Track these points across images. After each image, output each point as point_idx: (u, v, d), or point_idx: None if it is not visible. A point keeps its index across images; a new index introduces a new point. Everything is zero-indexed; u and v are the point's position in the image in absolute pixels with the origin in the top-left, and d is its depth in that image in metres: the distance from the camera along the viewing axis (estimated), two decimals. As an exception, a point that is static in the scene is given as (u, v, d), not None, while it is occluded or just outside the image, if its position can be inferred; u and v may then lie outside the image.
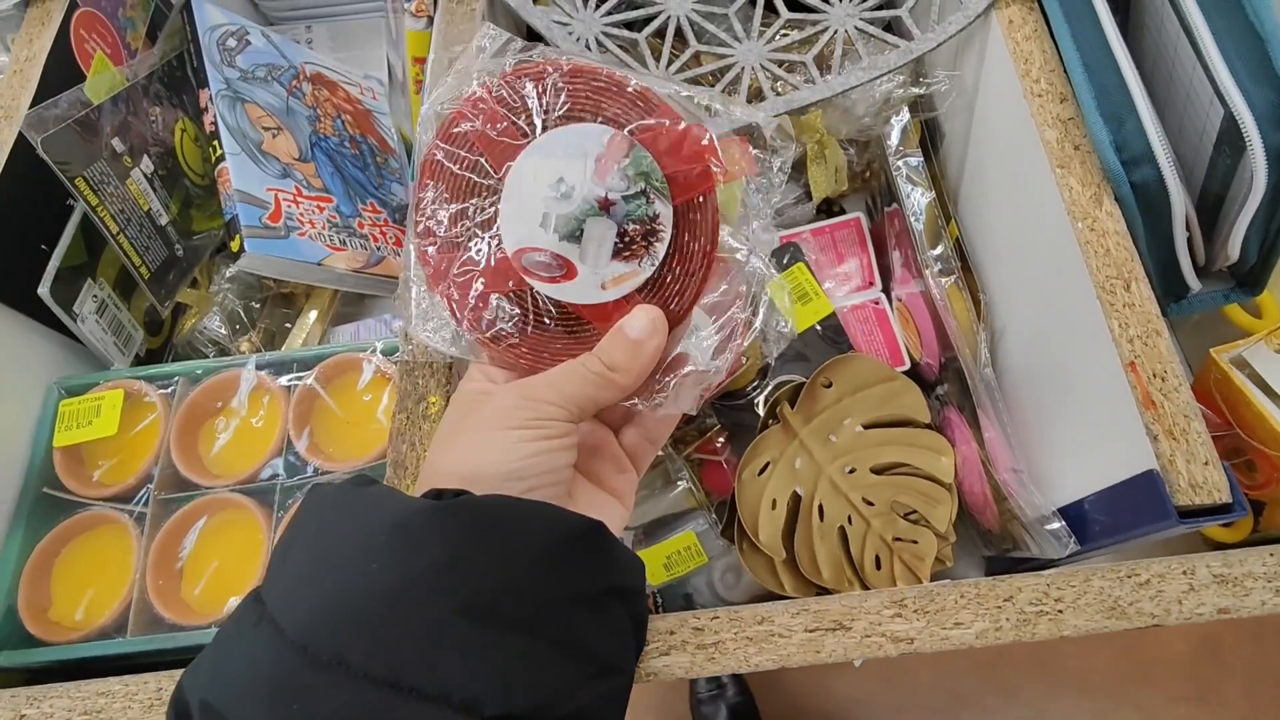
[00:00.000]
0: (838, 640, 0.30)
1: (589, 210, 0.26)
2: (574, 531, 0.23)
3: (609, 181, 0.26)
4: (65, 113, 0.46)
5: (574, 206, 0.26)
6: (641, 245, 0.26)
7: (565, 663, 0.22)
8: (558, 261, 0.26)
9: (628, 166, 0.26)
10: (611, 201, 0.26)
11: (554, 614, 0.22)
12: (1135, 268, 0.35)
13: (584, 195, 0.26)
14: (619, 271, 0.26)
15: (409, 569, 0.21)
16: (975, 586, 0.30)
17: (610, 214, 0.26)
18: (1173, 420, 0.32)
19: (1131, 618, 0.29)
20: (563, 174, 0.26)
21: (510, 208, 0.26)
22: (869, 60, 0.45)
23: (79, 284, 0.48)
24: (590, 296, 0.26)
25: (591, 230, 0.26)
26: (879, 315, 0.52)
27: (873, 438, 0.47)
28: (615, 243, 0.26)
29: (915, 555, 0.46)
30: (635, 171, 0.26)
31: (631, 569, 0.26)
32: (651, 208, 0.26)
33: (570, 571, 0.23)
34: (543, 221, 0.26)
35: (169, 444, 0.44)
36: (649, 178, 0.26)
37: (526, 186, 0.26)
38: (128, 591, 0.41)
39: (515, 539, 0.22)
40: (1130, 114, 0.36)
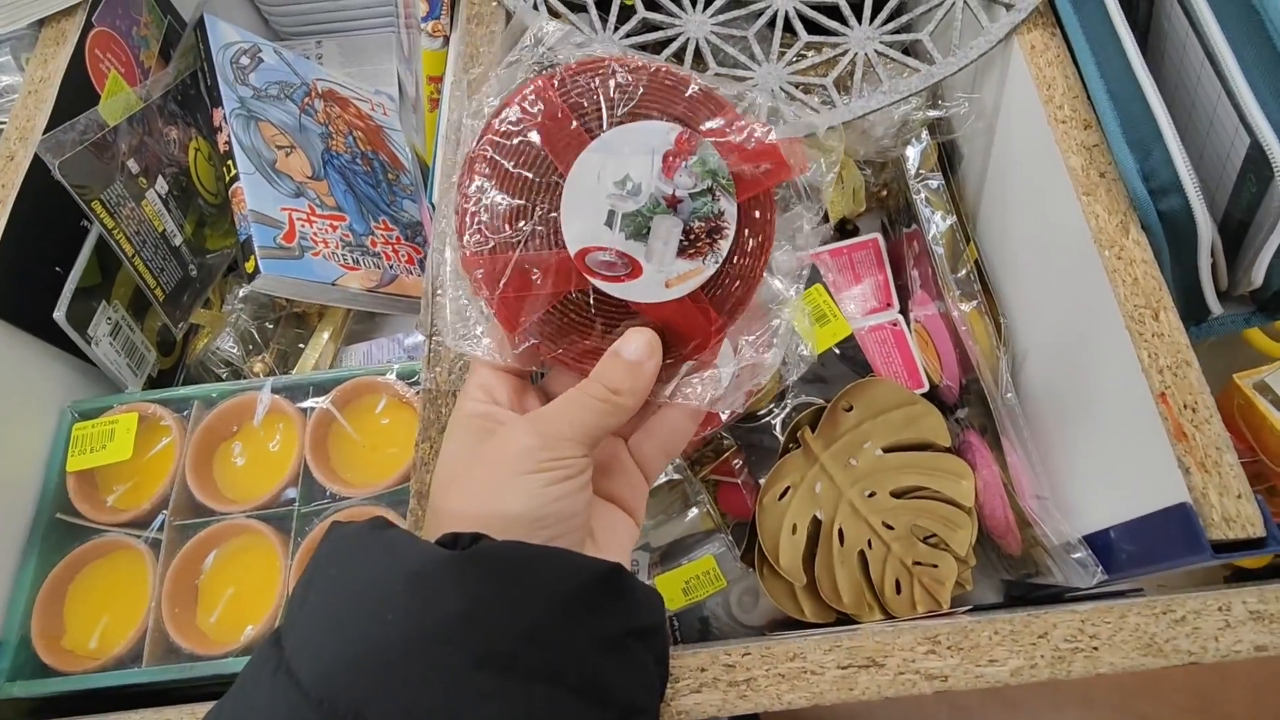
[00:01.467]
0: (871, 678, 0.29)
1: (657, 208, 0.26)
2: (594, 577, 0.23)
3: (677, 179, 0.26)
4: (82, 135, 0.45)
5: (641, 204, 0.26)
6: (706, 243, 0.26)
7: (588, 709, 0.22)
8: (623, 260, 0.26)
9: (695, 164, 0.26)
10: (679, 199, 0.26)
11: (575, 661, 0.22)
12: (1164, 297, 0.35)
13: (651, 193, 0.26)
14: (683, 269, 0.26)
15: (426, 620, 0.20)
16: (1009, 623, 0.30)
17: (677, 211, 0.26)
18: (1205, 453, 0.32)
19: (1168, 655, 0.29)
20: (629, 171, 0.26)
21: (573, 205, 0.26)
22: (889, 83, 0.45)
23: (93, 306, 0.48)
24: (654, 295, 0.26)
25: (659, 228, 0.26)
26: (897, 336, 0.51)
27: (893, 461, 0.47)
28: (680, 240, 0.26)
29: (935, 579, 0.46)
30: (703, 169, 0.26)
31: (651, 607, 0.25)
32: (718, 205, 0.26)
33: (590, 617, 0.23)
34: (608, 220, 0.26)
35: (184, 469, 0.44)
36: (716, 175, 0.26)
37: (590, 184, 0.26)
38: (143, 619, 0.41)
39: (535, 587, 0.22)
40: (1157, 143, 0.36)
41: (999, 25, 0.43)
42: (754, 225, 0.27)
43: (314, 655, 0.20)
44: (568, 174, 0.26)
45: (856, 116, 0.46)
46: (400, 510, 0.42)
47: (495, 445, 0.25)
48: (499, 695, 0.20)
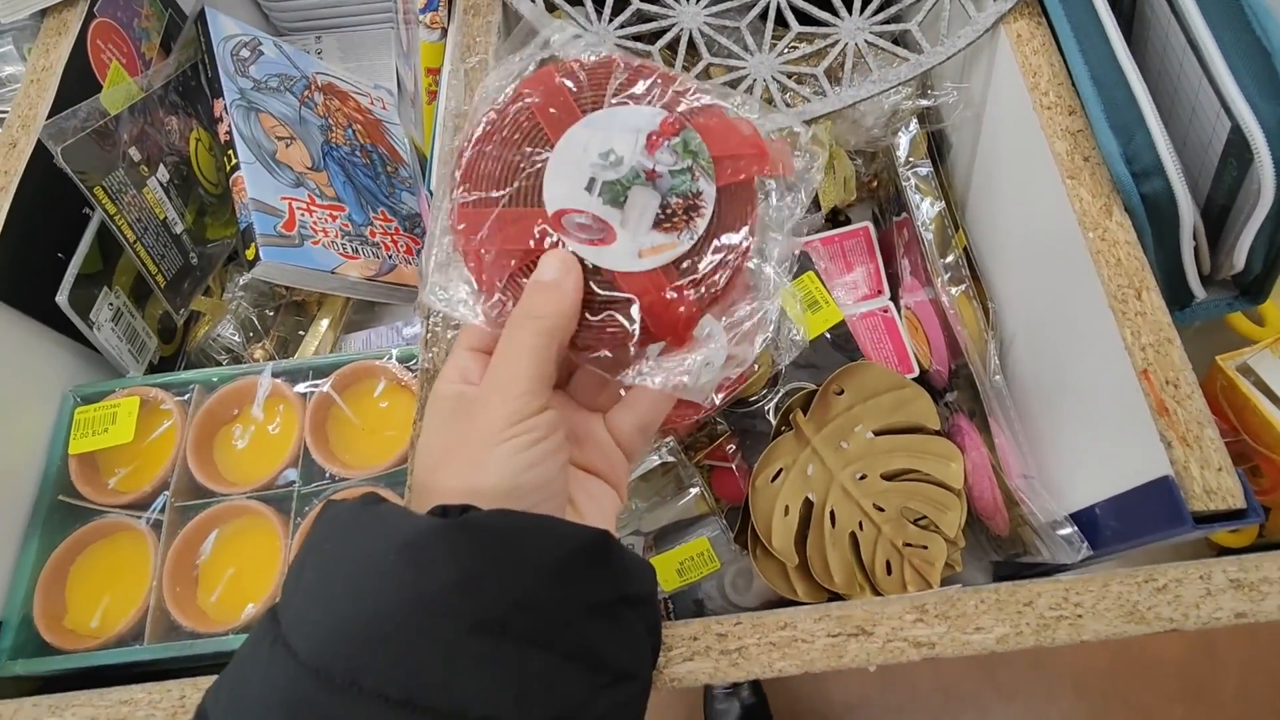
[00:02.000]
0: (860, 645, 0.30)
1: (636, 179, 0.27)
2: (583, 544, 0.23)
3: (658, 156, 0.27)
4: (84, 122, 0.46)
5: (622, 174, 0.27)
6: (682, 219, 0.26)
7: (580, 675, 0.22)
8: (598, 224, 0.26)
9: (677, 144, 0.27)
10: (658, 174, 0.27)
11: (567, 627, 0.22)
12: (1146, 277, 0.36)
13: (632, 165, 0.27)
14: (657, 241, 0.26)
15: (420, 588, 0.21)
16: (995, 592, 0.30)
17: (655, 185, 0.27)
18: (1186, 427, 0.32)
19: (1150, 622, 0.29)
20: (614, 146, 0.27)
21: (557, 170, 0.27)
22: (879, 73, 0.46)
23: (95, 292, 0.48)
24: (626, 264, 0.26)
25: (636, 198, 0.26)
26: (888, 323, 0.52)
27: (883, 444, 0.47)
28: (656, 213, 0.26)
29: (925, 560, 0.46)
30: (685, 149, 0.27)
31: (641, 576, 0.26)
32: (696, 184, 0.27)
33: (581, 584, 0.23)
34: (589, 186, 0.27)
35: (185, 451, 0.45)
36: (697, 157, 0.27)
37: (576, 154, 0.27)
38: (144, 599, 0.41)
39: (525, 555, 0.22)
40: (1140, 127, 0.37)
41: (986, 15, 0.44)
42: (734, 211, 0.27)
43: (310, 627, 0.21)
44: (556, 143, 0.27)
45: (847, 105, 0.46)
46: (398, 491, 0.43)
47: (467, 422, 0.25)
48: (493, 661, 0.20)
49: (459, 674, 0.20)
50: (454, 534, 0.21)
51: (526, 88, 0.28)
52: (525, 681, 0.21)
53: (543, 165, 0.27)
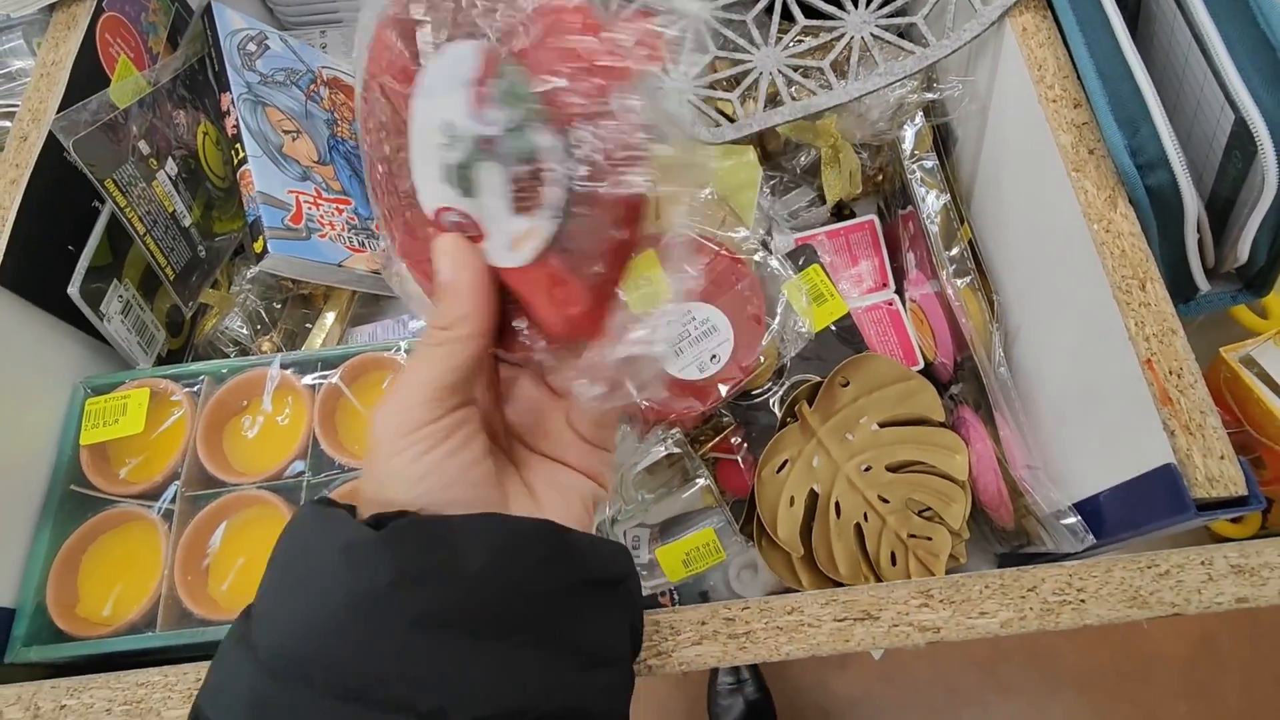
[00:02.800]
0: (866, 630, 0.30)
1: (474, 155, 0.21)
2: (523, 536, 0.23)
3: (485, 114, 0.20)
4: (94, 116, 0.46)
5: (463, 152, 0.21)
6: (534, 192, 0.20)
7: (540, 661, 0.22)
8: (468, 220, 0.22)
9: (500, 91, 0.20)
10: (493, 139, 0.20)
11: (518, 617, 0.22)
12: (1150, 268, 0.36)
13: (469, 136, 0.21)
14: (522, 228, 0.21)
15: (359, 587, 0.21)
16: (1000, 577, 0.31)
17: (496, 155, 0.20)
18: (1189, 415, 0.33)
19: (1153, 607, 0.30)
20: (446, 114, 0.21)
21: (418, 161, 0.22)
22: (885, 66, 0.46)
23: (105, 285, 0.49)
24: (505, 260, 0.22)
25: (482, 180, 0.21)
26: (893, 316, 0.53)
27: (888, 436, 0.48)
28: (511, 192, 0.21)
29: (930, 552, 0.47)
30: (509, 93, 0.20)
31: (606, 558, 0.25)
32: (529, 140, 0.20)
33: (526, 574, 0.23)
34: (444, 175, 0.22)
35: (195, 442, 0.45)
36: (523, 101, 0.20)
37: (425, 135, 0.22)
38: (155, 587, 0.42)
39: (462, 552, 0.22)
40: (1145, 120, 0.37)
41: (992, 8, 0.44)
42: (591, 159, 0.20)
43: (267, 625, 0.22)
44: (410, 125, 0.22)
45: (853, 98, 0.47)
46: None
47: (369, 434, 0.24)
48: (439, 655, 0.21)
49: (403, 668, 0.20)
50: (390, 537, 0.22)
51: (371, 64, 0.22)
52: (476, 673, 0.21)
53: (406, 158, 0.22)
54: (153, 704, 0.31)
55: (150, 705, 0.31)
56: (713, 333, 0.48)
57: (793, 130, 0.54)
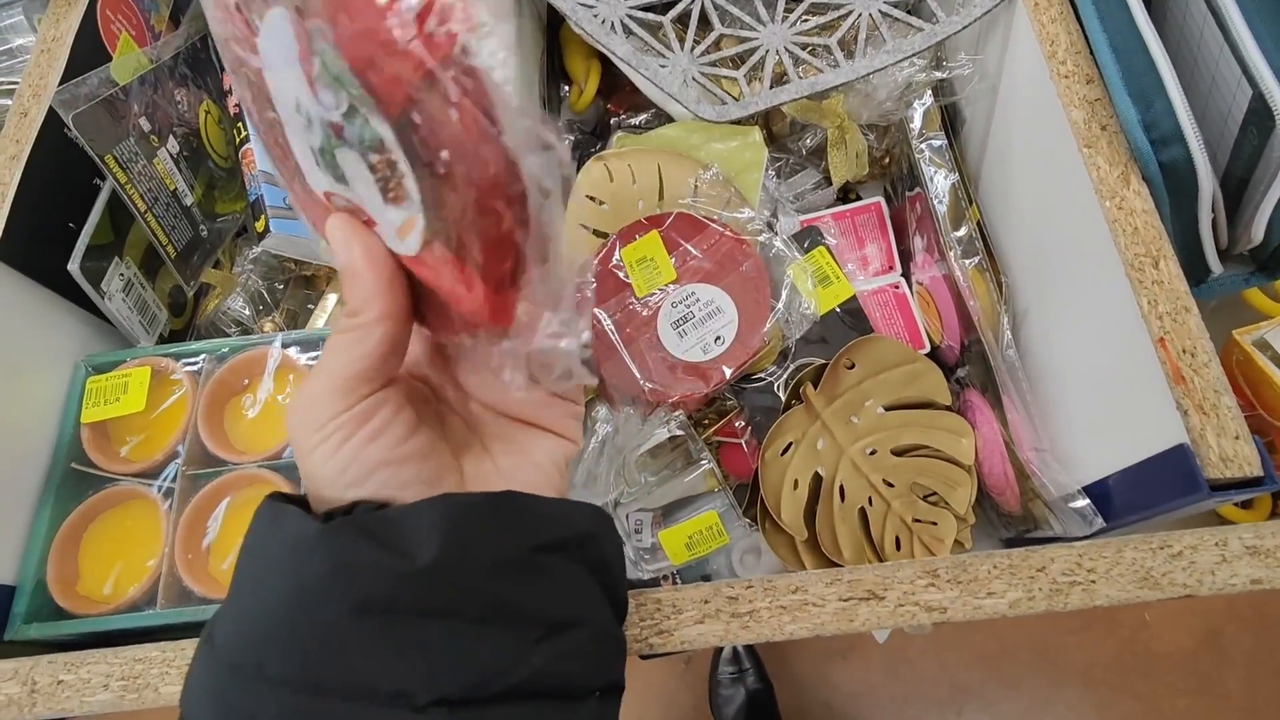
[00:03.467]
0: (871, 609, 0.30)
1: (329, 141, 0.19)
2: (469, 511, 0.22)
3: (320, 96, 0.18)
4: (94, 91, 0.46)
5: (319, 138, 0.19)
6: (394, 181, 0.18)
7: (499, 634, 0.22)
8: (355, 208, 0.20)
9: (320, 72, 0.17)
10: (339, 125, 0.18)
11: (470, 591, 0.22)
12: (1163, 245, 0.35)
13: (317, 120, 0.18)
14: (400, 218, 0.19)
15: (300, 579, 0.21)
16: (1008, 557, 0.30)
17: (347, 143, 0.18)
18: (1203, 395, 0.32)
19: (1164, 588, 0.29)
20: (294, 91, 0.19)
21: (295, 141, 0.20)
22: (893, 44, 0.46)
23: (105, 263, 0.48)
24: (397, 247, 0.20)
25: (346, 167, 0.19)
26: (899, 299, 0.52)
27: (894, 419, 0.47)
28: (374, 180, 0.19)
29: (934, 536, 0.46)
30: (330, 77, 0.17)
31: (562, 519, 0.24)
32: (370, 129, 0.17)
33: (477, 546, 0.22)
34: (316, 159, 0.20)
35: (196, 420, 0.45)
36: (344, 84, 0.17)
37: (287, 114, 0.19)
38: (156, 565, 0.41)
39: (405, 535, 0.21)
40: (1159, 94, 0.36)
41: (1003, -17, 0.43)
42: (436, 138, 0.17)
43: (224, 620, 0.22)
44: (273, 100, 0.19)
45: (860, 77, 0.46)
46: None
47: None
48: (387, 638, 0.21)
49: (354, 655, 0.20)
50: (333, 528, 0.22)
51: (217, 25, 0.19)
52: (430, 653, 0.21)
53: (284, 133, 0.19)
54: (150, 679, 0.31)
55: (147, 680, 0.31)
56: (717, 314, 0.47)
57: (799, 110, 0.53)
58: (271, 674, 0.20)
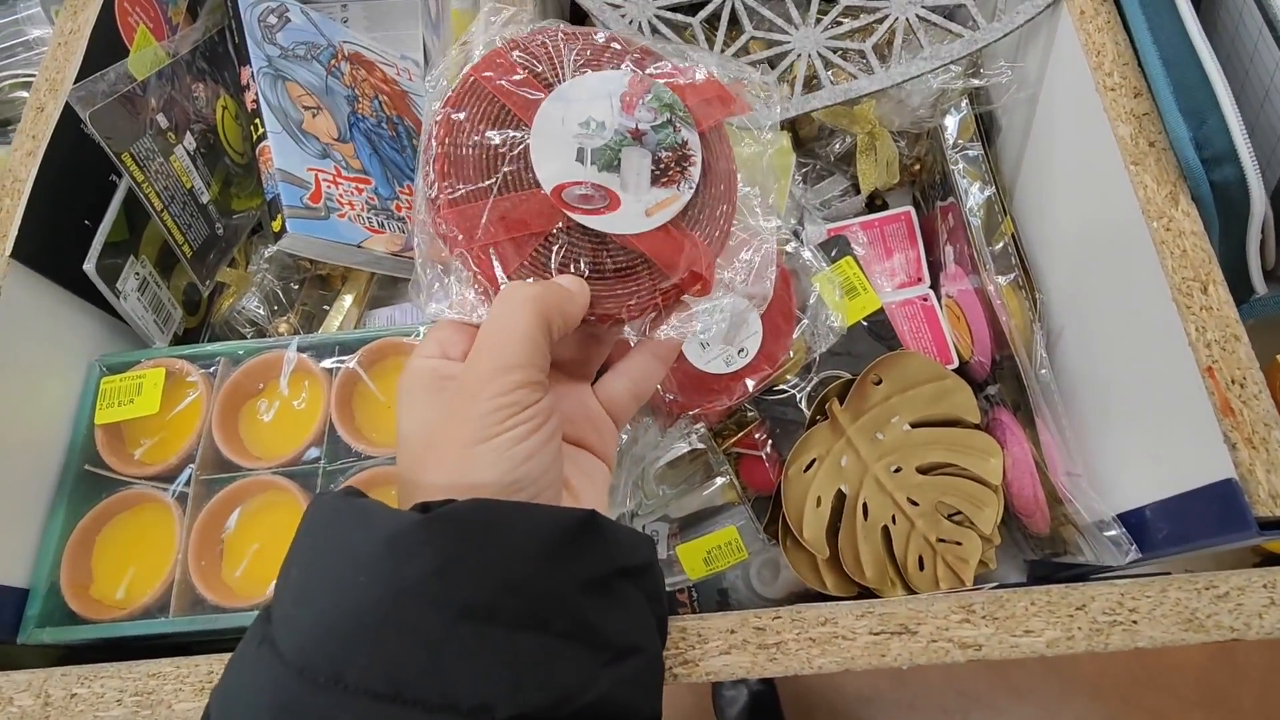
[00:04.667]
0: (903, 644, 0.29)
1: (623, 141, 0.27)
2: (569, 524, 0.22)
3: (637, 114, 0.27)
4: (112, 87, 0.45)
5: (608, 138, 0.27)
6: (676, 170, 0.27)
7: (578, 653, 0.21)
8: (600, 192, 0.26)
9: (651, 100, 0.27)
10: (642, 132, 0.27)
11: (559, 606, 0.21)
12: (1213, 269, 0.34)
13: (615, 128, 0.27)
14: (661, 197, 0.27)
15: (401, 579, 0.20)
16: (1046, 594, 0.29)
17: (643, 143, 0.27)
18: (1252, 428, 0.31)
19: (1209, 631, 0.28)
20: (591, 114, 0.27)
21: (542, 149, 0.26)
22: (930, 50, 0.44)
23: (121, 261, 0.48)
24: (636, 225, 0.27)
25: (629, 159, 0.27)
26: (927, 312, 0.51)
27: (920, 437, 0.46)
28: (652, 170, 0.27)
29: (959, 557, 0.45)
30: (660, 104, 0.27)
31: (635, 546, 0.25)
32: (680, 135, 0.27)
33: (570, 562, 0.22)
34: (579, 156, 0.26)
35: (210, 424, 0.44)
36: (673, 109, 0.27)
37: (555, 128, 0.26)
38: (169, 571, 0.41)
39: (509, 540, 0.21)
40: (1213, 111, 0.35)
41: (1048, -10, 0.42)
42: (719, 152, 0.29)
43: (293, 625, 0.20)
44: (531, 124, 0.26)
45: (895, 84, 0.45)
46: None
47: (450, 410, 0.23)
48: (481, 648, 0.20)
49: (447, 663, 0.19)
50: (436, 525, 0.21)
51: (479, 73, 0.27)
52: (519, 666, 0.20)
53: (524, 147, 0.26)
54: (164, 696, 0.30)
55: (161, 697, 0.30)
56: (741, 325, 0.46)
57: (828, 115, 0.52)
58: (351, 682, 0.19)
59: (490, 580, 0.20)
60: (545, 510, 0.22)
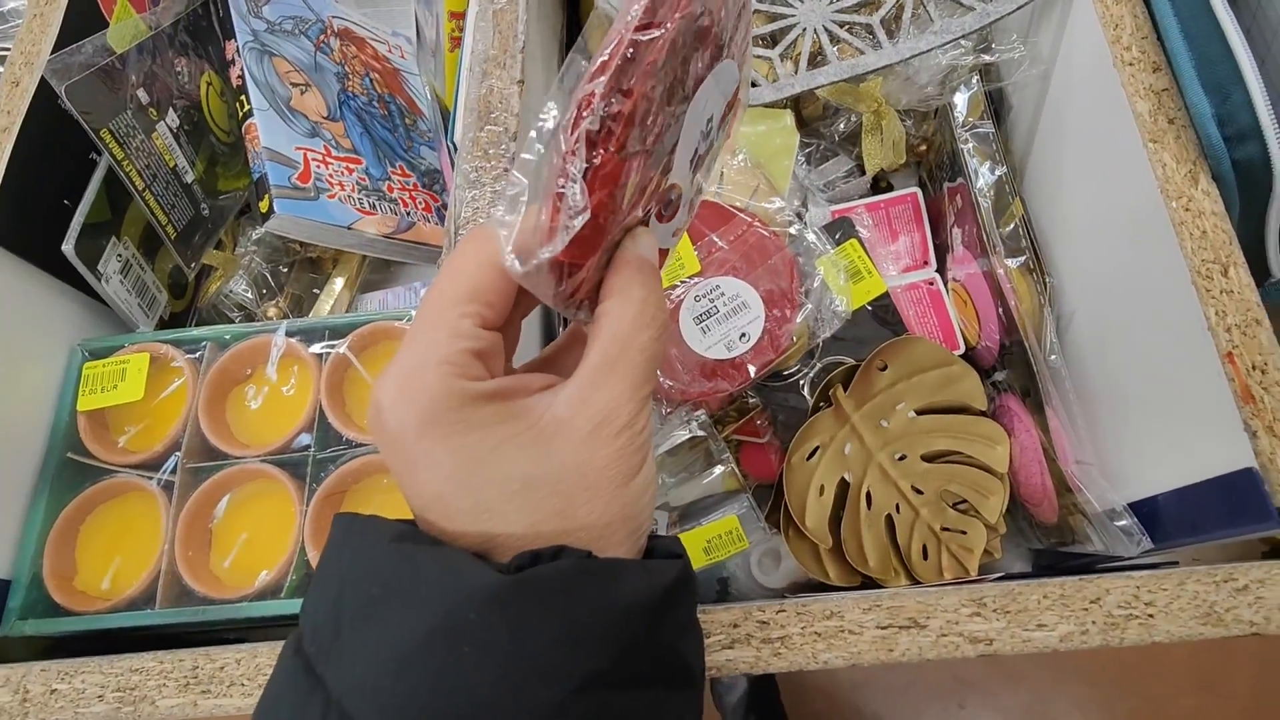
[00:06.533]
0: (912, 639, 0.28)
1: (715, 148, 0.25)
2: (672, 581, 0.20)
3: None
4: (89, 60, 0.43)
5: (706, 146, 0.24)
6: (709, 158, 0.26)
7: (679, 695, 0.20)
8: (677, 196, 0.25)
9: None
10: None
11: (667, 655, 0.20)
12: (1234, 251, 0.33)
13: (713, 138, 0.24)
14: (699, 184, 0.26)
15: (518, 648, 0.17)
16: (1060, 586, 0.28)
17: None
18: (1273, 416, 0.30)
19: (1229, 625, 0.27)
20: (712, 111, 0.23)
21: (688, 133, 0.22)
22: (940, 24, 0.43)
23: (102, 242, 0.46)
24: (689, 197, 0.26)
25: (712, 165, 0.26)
26: (933, 296, 0.49)
27: (925, 424, 0.45)
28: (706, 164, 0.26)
29: (963, 546, 0.44)
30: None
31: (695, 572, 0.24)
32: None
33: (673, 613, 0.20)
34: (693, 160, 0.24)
35: (197, 411, 0.43)
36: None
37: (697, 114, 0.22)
38: (155, 561, 0.40)
39: (621, 597, 0.19)
40: (1236, 85, 0.33)
41: (1064, -40, 0.40)
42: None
43: (376, 697, 0.17)
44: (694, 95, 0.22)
45: (903, 59, 0.43)
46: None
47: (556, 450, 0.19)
48: (602, 713, 0.18)
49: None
50: (546, 584, 0.18)
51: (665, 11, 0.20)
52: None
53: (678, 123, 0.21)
54: (146, 691, 0.29)
55: (144, 693, 0.29)
56: (743, 309, 0.45)
57: (833, 93, 0.50)
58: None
59: (609, 647, 0.18)
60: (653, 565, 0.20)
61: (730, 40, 0.23)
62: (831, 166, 0.53)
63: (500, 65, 0.41)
